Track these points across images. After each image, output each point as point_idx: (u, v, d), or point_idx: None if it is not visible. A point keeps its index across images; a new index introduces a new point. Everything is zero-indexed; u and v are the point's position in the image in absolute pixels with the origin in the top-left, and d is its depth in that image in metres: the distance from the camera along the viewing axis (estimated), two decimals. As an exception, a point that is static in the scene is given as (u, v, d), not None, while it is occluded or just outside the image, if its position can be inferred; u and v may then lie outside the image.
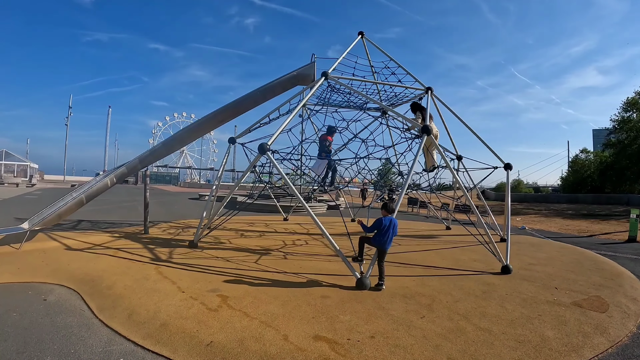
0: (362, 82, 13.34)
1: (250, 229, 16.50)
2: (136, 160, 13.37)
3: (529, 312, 6.39)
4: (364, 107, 15.21)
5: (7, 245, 10.83)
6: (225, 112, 13.37)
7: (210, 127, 14.49)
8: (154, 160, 14.72)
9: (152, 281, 7.81)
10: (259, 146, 9.04)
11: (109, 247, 11.40)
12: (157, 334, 5.20)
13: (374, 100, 12.91)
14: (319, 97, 14.37)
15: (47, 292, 7.13)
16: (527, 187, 77.77)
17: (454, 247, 13.19)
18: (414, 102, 13.99)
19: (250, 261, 9.94)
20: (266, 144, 8.94)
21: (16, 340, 4.99)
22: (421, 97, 13.81)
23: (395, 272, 9.05)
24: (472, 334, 5.35)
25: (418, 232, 17.22)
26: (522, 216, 28.60)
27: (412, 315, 6.09)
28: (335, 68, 11.92)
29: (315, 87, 11.29)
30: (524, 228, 20.70)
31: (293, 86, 13.40)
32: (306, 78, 13.03)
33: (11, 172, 72.29)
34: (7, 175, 66.65)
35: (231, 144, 12.80)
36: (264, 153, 9.01)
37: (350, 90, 12.51)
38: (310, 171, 15.95)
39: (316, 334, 5.28)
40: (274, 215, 21.89)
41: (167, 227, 16.24)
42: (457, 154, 15.15)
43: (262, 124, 13.08)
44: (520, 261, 10.63)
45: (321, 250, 11.76)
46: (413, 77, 13.47)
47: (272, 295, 6.98)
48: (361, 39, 14.78)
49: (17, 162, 76.79)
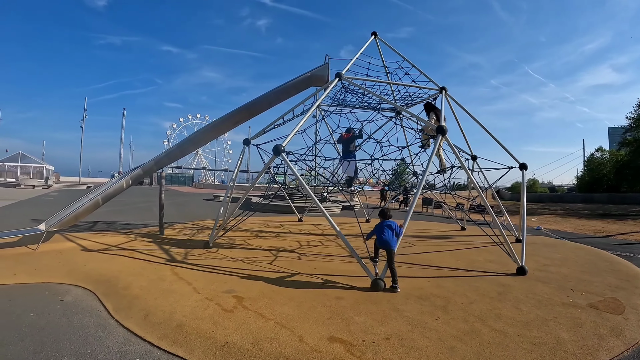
0: (376, 83, 13.33)
1: (265, 229, 16.53)
2: (151, 162, 13.48)
3: (545, 313, 6.35)
4: (378, 107, 15.20)
5: (24, 246, 10.99)
6: (240, 114, 13.43)
7: (224, 128, 14.57)
8: (169, 162, 14.84)
9: (168, 282, 7.89)
10: (273, 147, 9.07)
11: (124, 248, 11.51)
12: (173, 335, 5.24)
13: (387, 100, 12.89)
14: (333, 97, 14.39)
15: (64, 292, 7.22)
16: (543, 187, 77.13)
17: (468, 247, 13.14)
18: (427, 102, 13.96)
19: (265, 262, 9.99)
20: (281, 146, 8.96)
21: (33, 340, 5.06)
22: (435, 97, 13.78)
23: (410, 273, 9.05)
24: (487, 335, 5.34)
25: (433, 232, 17.15)
26: (538, 216, 28.40)
27: (427, 316, 6.08)
28: (348, 69, 11.93)
29: (329, 89, 11.29)
30: (540, 228, 20.54)
31: (307, 87, 13.42)
32: (320, 79, 13.04)
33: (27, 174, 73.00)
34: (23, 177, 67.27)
35: (246, 146, 12.86)
36: (278, 154, 9.02)
37: (364, 90, 12.51)
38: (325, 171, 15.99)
39: (331, 335, 5.30)
40: (288, 216, 21.89)
41: (182, 228, 16.33)
42: (471, 154, 15.10)
43: (276, 125, 13.14)
44: (536, 262, 10.56)
45: (336, 251, 11.77)
46: (427, 77, 13.44)
47: (288, 297, 7.01)
48: (374, 39, 14.76)
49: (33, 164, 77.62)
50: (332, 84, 11.25)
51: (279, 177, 14.93)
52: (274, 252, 11.41)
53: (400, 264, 9.61)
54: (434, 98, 13.98)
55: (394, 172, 18.52)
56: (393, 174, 18.37)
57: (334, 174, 16.08)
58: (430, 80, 13.36)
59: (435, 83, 13.12)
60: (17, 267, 8.89)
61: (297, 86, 13.22)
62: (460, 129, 14.29)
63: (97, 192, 12.91)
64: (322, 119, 16.28)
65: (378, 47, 15.02)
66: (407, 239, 13.70)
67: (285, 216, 22.02)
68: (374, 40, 14.75)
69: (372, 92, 12.64)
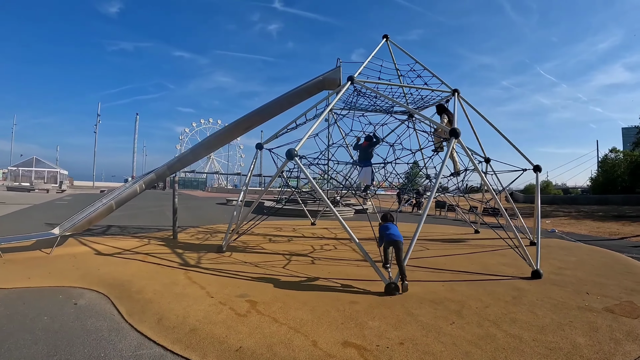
0: (388, 86, 13.30)
1: (278, 233, 16.53)
2: (164, 166, 13.54)
3: (560, 318, 6.29)
4: (390, 110, 15.17)
5: (38, 250, 11.06)
6: (252, 119, 13.45)
7: (237, 133, 14.58)
8: (181, 167, 14.89)
9: (181, 286, 7.91)
10: (286, 152, 9.06)
11: (138, 252, 11.54)
12: (186, 339, 5.26)
13: (400, 103, 12.86)
14: (345, 101, 14.36)
15: (78, 296, 7.25)
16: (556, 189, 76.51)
17: (482, 251, 13.03)
18: (440, 104, 13.92)
19: (278, 266, 9.99)
20: (294, 150, 8.95)
21: (47, 343, 5.09)
22: (448, 99, 13.73)
23: (423, 277, 9.02)
24: (502, 340, 5.30)
25: (446, 236, 17.05)
26: (552, 219, 28.19)
27: (441, 321, 6.04)
28: (361, 72, 11.92)
29: (341, 92, 11.28)
30: (554, 231, 20.40)
31: (319, 91, 13.43)
32: (332, 83, 13.03)
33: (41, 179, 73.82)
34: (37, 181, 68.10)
35: (258, 150, 12.90)
36: (291, 158, 9.00)
37: (377, 93, 12.49)
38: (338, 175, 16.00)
39: (345, 340, 5.28)
40: (301, 219, 21.74)
41: (195, 232, 16.37)
42: (485, 157, 15.03)
43: (289, 129, 13.15)
44: (551, 265, 10.47)
45: (349, 255, 11.73)
46: (439, 79, 13.39)
47: (301, 301, 7.00)
48: (386, 42, 14.74)
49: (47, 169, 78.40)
50: (344, 87, 11.22)
51: (291, 181, 14.94)
52: (287, 256, 11.41)
53: (414, 268, 9.63)
54: (447, 100, 13.93)
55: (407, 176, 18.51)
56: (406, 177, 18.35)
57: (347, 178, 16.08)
58: (443, 83, 13.31)
59: (448, 85, 13.06)
60: (31, 270, 8.95)
61: (309, 90, 13.23)
62: (473, 131, 14.24)
63: (110, 196, 13.00)
64: (334, 122, 16.28)
65: (390, 49, 14.99)
66: (421, 243, 13.63)
67: (298, 220, 21.91)
68: (385, 43, 14.73)
69: (385, 95, 12.61)
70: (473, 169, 13.11)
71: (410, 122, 15.84)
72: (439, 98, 13.91)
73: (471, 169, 14.24)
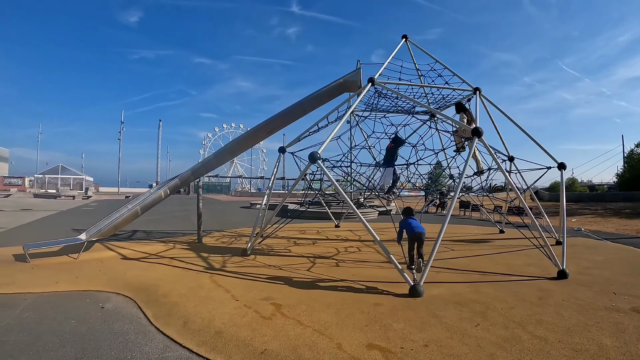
0: (409, 86, 13.26)
1: (302, 236, 16.60)
2: (189, 172, 13.67)
3: (586, 319, 6.22)
4: (412, 111, 15.11)
5: (65, 256, 11.27)
6: (274, 122, 13.51)
7: (259, 137, 14.64)
8: (205, 172, 15.04)
9: (206, 289, 8.00)
10: (309, 155, 9.09)
11: (163, 256, 11.70)
12: (211, 342, 5.33)
13: (421, 104, 12.82)
14: (366, 103, 14.34)
15: (104, 299, 7.39)
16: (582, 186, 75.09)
17: (507, 251, 12.95)
18: (458, 102, 13.83)
19: (302, 269, 10.04)
20: (317, 153, 8.98)
21: (75, 346, 5.21)
22: (469, 98, 13.65)
23: (448, 278, 8.99)
24: (527, 342, 5.26)
25: (471, 236, 16.98)
26: (578, 217, 27.73)
27: (466, 323, 6.02)
28: (381, 73, 11.91)
29: (362, 94, 11.28)
30: (580, 229, 20.07)
31: (340, 93, 13.43)
32: (353, 85, 13.03)
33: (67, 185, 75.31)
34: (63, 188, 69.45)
35: (281, 153, 12.95)
36: (314, 162, 9.05)
37: (398, 94, 12.46)
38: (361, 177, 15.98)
39: (369, 342, 5.30)
40: (325, 222, 21.80)
41: (219, 236, 16.51)
42: (508, 155, 14.91)
43: (311, 133, 13.19)
44: (577, 265, 10.36)
45: (373, 257, 11.74)
46: (460, 78, 13.31)
47: (325, 303, 7.03)
48: (405, 42, 14.68)
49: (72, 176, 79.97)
50: (365, 89, 11.22)
51: (315, 184, 14.97)
52: (311, 258, 11.46)
53: (439, 269, 9.62)
54: (468, 99, 13.85)
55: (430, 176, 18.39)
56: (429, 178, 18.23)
57: (370, 179, 16.05)
58: (464, 81, 13.23)
59: (469, 84, 12.98)
60: (59, 275, 9.13)
61: (330, 92, 13.24)
62: (496, 130, 14.12)
63: (136, 202, 13.16)
64: (356, 124, 16.28)
65: (409, 50, 14.93)
66: (445, 244, 13.63)
67: (322, 222, 21.95)
68: (405, 44, 14.67)
69: (406, 95, 12.58)
70: (497, 168, 13.00)
71: (432, 122, 15.76)
72: (460, 97, 13.83)
73: (495, 168, 14.13)
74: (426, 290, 7.62)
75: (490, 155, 10.53)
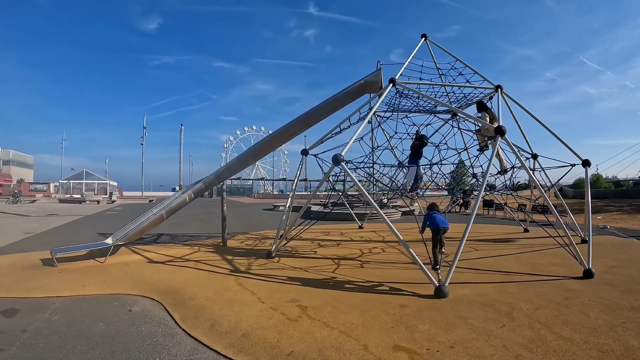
0: (430, 86, 13.25)
1: (326, 238, 16.63)
2: (212, 176, 13.82)
3: (612, 319, 6.18)
4: (434, 110, 15.08)
5: (92, 259, 11.49)
6: (296, 125, 13.58)
7: (281, 140, 14.72)
8: (229, 176, 15.17)
9: (233, 292, 8.10)
10: (333, 157, 9.16)
11: (189, 259, 11.83)
12: (239, 344, 5.41)
13: (443, 103, 12.80)
14: (387, 103, 14.33)
15: (132, 303, 7.55)
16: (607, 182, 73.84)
17: (532, 250, 12.84)
18: (479, 100, 13.76)
19: (327, 271, 10.09)
20: (340, 155, 9.05)
21: (103, 348, 5.36)
22: (491, 96, 13.59)
23: (473, 279, 8.97)
24: (553, 343, 5.25)
25: (495, 235, 16.88)
26: (603, 214, 27.30)
27: (491, 324, 6.02)
28: (401, 73, 11.91)
29: (383, 95, 11.31)
30: (606, 227, 19.84)
31: (361, 95, 13.44)
32: (374, 85, 13.04)
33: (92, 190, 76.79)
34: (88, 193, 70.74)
35: (304, 156, 13.02)
36: (338, 164, 9.10)
37: (419, 94, 12.46)
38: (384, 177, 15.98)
39: (395, 343, 5.33)
40: (349, 223, 21.79)
41: (244, 239, 16.62)
42: (532, 153, 14.81)
43: (333, 134, 13.24)
44: (603, 264, 10.24)
45: (398, 258, 11.74)
46: (481, 76, 13.25)
47: (351, 305, 7.08)
48: (425, 42, 14.66)
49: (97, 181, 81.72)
50: (386, 89, 11.26)
51: (338, 185, 15.01)
52: (336, 260, 11.50)
53: (463, 270, 9.60)
54: (490, 97, 13.79)
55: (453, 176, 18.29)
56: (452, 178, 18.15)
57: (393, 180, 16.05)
58: (485, 79, 13.17)
59: (490, 82, 12.94)
60: (87, 279, 9.34)
61: (351, 94, 13.27)
62: (519, 127, 14.03)
63: (161, 206, 13.34)
64: (378, 125, 16.28)
65: (429, 48, 14.89)
66: (470, 244, 13.61)
67: (345, 224, 21.93)
68: (424, 43, 14.65)
69: (427, 95, 12.57)
70: (520, 166, 12.92)
71: (454, 121, 15.70)
72: (481, 95, 13.77)
73: (518, 167, 14.04)
74: (451, 290, 7.62)
75: (513, 153, 10.49)
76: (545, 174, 14.71)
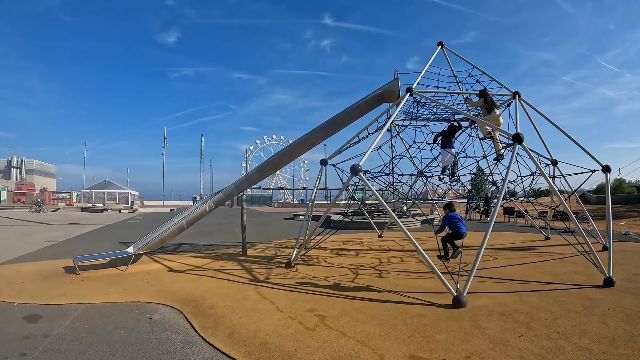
0: (447, 94, 13.24)
1: (345, 247, 16.56)
2: (232, 186, 13.97)
3: (632, 328, 6.11)
4: (452, 118, 15.05)
5: (114, 268, 11.68)
6: (315, 135, 13.70)
7: (301, 150, 14.79)
8: (249, 186, 15.33)
9: (252, 301, 8.14)
10: (351, 167, 9.20)
11: (209, 268, 11.90)
12: (256, 352, 5.46)
13: (460, 111, 12.80)
14: (405, 112, 14.34)
15: (152, 311, 7.65)
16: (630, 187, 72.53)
17: (553, 258, 12.69)
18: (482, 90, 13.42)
19: (346, 280, 10.11)
20: (358, 165, 9.09)
21: (124, 355, 5.46)
22: (509, 103, 13.56)
23: (492, 288, 8.93)
24: (571, 353, 5.22)
25: (515, 243, 16.70)
26: (626, 219, 26.87)
27: (509, 334, 6.00)
28: (418, 82, 11.94)
29: (401, 104, 11.33)
30: (628, 233, 19.51)
31: (379, 104, 13.51)
32: (391, 95, 13.11)
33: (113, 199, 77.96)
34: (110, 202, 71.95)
35: (323, 165, 13.10)
36: (356, 174, 9.13)
37: (436, 103, 12.47)
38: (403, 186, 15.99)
39: (412, 353, 5.34)
40: (368, 232, 21.73)
41: (263, 248, 16.64)
42: (551, 159, 14.71)
43: (351, 144, 13.30)
44: (624, 272, 10.15)
45: (416, 267, 11.70)
46: (499, 82, 13.26)
47: (369, 315, 7.09)
48: (441, 49, 14.67)
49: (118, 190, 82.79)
50: (403, 99, 11.27)
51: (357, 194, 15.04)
52: (354, 269, 11.50)
53: (483, 279, 9.56)
54: (508, 104, 13.76)
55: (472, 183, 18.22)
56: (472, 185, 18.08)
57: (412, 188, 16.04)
58: (503, 86, 13.18)
59: (508, 88, 12.94)
60: (108, 287, 9.50)
61: (369, 103, 13.34)
62: (538, 134, 13.99)
63: (181, 216, 13.50)
64: (396, 134, 16.31)
65: (446, 56, 14.90)
66: (489, 252, 13.47)
67: (365, 233, 21.85)
68: (441, 51, 14.66)
69: (444, 104, 12.57)
70: (540, 174, 12.84)
71: (472, 129, 15.64)
72: (499, 102, 13.70)
73: (538, 174, 13.96)
74: (470, 300, 7.61)
75: (531, 160, 10.45)
76: (565, 180, 14.60)
